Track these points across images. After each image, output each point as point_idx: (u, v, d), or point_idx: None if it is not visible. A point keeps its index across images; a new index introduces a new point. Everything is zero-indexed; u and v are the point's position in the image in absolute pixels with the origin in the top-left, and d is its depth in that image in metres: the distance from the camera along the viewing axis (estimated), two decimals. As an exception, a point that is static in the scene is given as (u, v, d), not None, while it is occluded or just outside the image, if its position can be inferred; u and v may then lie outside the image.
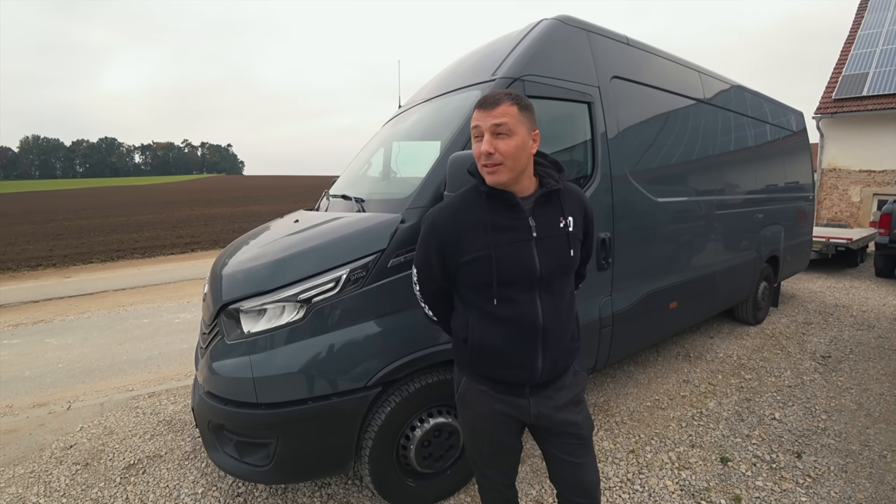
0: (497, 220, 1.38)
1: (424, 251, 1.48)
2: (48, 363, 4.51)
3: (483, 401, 1.49)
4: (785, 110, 5.55)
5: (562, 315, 1.45)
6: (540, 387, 1.46)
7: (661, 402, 3.42)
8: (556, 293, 1.43)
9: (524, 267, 1.37)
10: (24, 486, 2.60)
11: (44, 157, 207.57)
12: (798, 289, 7.10)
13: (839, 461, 2.69)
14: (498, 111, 1.31)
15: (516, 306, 1.39)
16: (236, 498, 2.43)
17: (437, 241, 1.43)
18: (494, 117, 1.31)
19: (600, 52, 2.94)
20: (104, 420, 3.33)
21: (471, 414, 1.55)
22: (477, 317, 1.44)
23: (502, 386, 1.46)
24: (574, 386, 1.53)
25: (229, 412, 1.97)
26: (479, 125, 1.33)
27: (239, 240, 2.77)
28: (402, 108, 3.53)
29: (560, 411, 1.48)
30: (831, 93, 12.67)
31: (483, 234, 1.38)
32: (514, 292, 1.38)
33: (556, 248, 1.41)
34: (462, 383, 1.54)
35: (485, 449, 1.58)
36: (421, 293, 1.57)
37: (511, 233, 1.38)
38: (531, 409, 1.47)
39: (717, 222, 4.02)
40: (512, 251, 1.37)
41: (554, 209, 1.43)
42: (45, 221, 20.87)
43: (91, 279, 8.95)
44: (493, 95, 1.34)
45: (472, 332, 1.44)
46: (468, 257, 1.38)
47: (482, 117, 1.33)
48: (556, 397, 1.48)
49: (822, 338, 4.83)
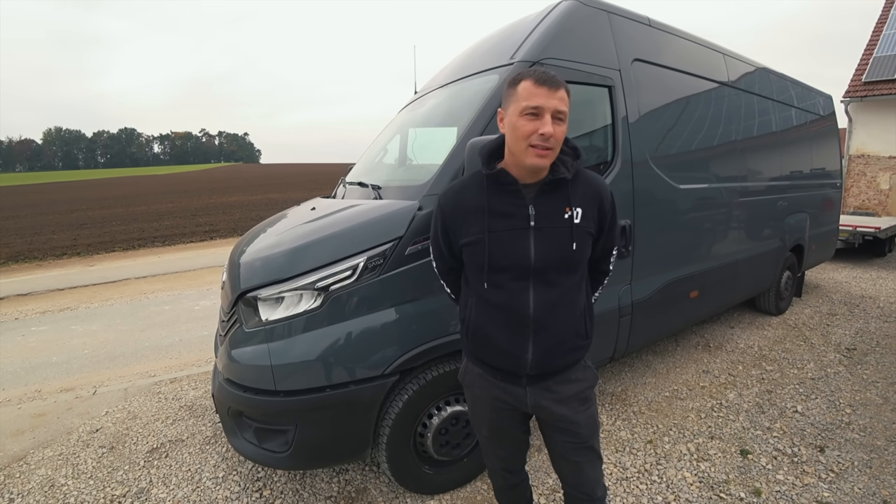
0: (496, 205, 1.36)
1: (434, 231, 1.53)
2: (74, 349, 4.65)
3: (480, 384, 1.51)
4: (812, 94, 5.34)
5: (559, 309, 1.38)
6: (538, 377, 1.42)
7: (679, 393, 3.37)
8: (554, 286, 1.37)
9: (517, 255, 1.34)
10: (54, 468, 2.69)
11: (66, 149, 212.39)
12: (823, 279, 6.91)
13: (863, 456, 2.62)
14: (560, 94, 1.26)
15: (506, 293, 1.36)
16: (256, 482, 2.48)
17: (442, 221, 1.46)
18: (559, 101, 1.25)
19: (621, 33, 2.84)
20: (128, 405, 3.42)
21: (470, 395, 1.59)
22: (475, 299, 1.44)
23: (497, 371, 1.46)
24: (580, 381, 1.47)
25: (248, 399, 2.00)
26: (541, 105, 1.23)
27: (256, 228, 2.78)
28: (419, 94, 3.49)
29: (560, 405, 1.44)
30: (861, 75, 12.15)
31: (480, 218, 1.36)
32: (506, 280, 1.36)
33: (555, 240, 1.34)
34: (464, 363, 1.59)
35: (484, 432, 1.60)
36: (437, 270, 1.62)
37: (508, 219, 1.34)
38: (528, 399, 1.45)
39: (739, 210, 3.91)
40: (506, 238, 1.34)
41: (560, 199, 1.36)
42: (69, 211, 21.38)
43: (114, 267, 9.16)
44: (553, 75, 1.27)
45: (469, 313, 1.46)
46: (466, 240, 1.39)
47: (546, 96, 1.23)
48: (558, 390, 1.44)
49: (848, 329, 4.70)
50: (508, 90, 1.32)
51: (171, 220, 16.77)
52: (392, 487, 2.40)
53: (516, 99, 1.28)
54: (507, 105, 1.32)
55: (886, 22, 13.07)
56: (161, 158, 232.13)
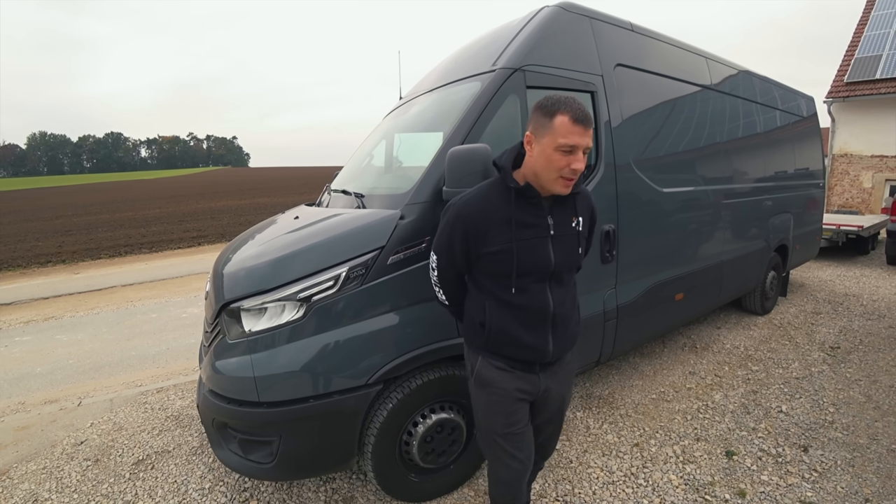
0: (521, 216, 1.49)
1: (448, 239, 1.57)
2: (59, 359, 4.58)
3: (501, 377, 1.61)
4: (794, 95, 5.43)
5: (567, 303, 1.62)
6: (549, 364, 1.64)
7: (666, 395, 3.40)
8: (565, 284, 1.61)
9: (541, 261, 1.52)
10: (37, 482, 2.64)
11: (51, 154, 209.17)
12: (807, 277, 7.02)
13: (846, 455, 2.66)
14: (590, 132, 1.40)
15: (530, 295, 1.54)
16: (243, 493, 2.46)
17: (463, 230, 1.52)
18: (589, 139, 1.39)
19: (604, 39, 2.87)
20: (113, 416, 3.37)
21: (486, 394, 1.64)
22: (493, 302, 1.56)
23: (517, 363, 1.60)
24: (571, 363, 1.75)
25: (232, 410, 1.98)
26: (577, 144, 1.37)
27: (240, 237, 2.76)
28: (404, 100, 3.49)
29: (559, 385, 1.70)
30: (843, 76, 12.38)
31: (507, 228, 1.49)
32: (529, 283, 1.53)
33: (568, 245, 1.57)
34: (478, 362, 1.64)
35: (500, 430, 1.65)
36: (439, 278, 1.67)
37: (532, 229, 1.51)
38: (541, 384, 1.64)
39: (724, 212, 3.95)
40: (531, 246, 1.50)
41: (569, 210, 1.57)
42: (53, 218, 21.08)
43: (99, 275, 9.04)
44: (587, 113, 1.39)
45: (489, 316, 1.57)
46: (491, 249, 1.50)
47: (581, 135, 1.37)
48: (559, 373, 1.69)
49: (832, 328, 4.77)
50: (542, 118, 1.42)
51: (159, 225, 16.60)
52: (379, 496, 2.39)
53: (553, 133, 1.38)
54: (541, 135, 1.42)
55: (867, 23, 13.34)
56: (148, 163, 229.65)
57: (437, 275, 1.66)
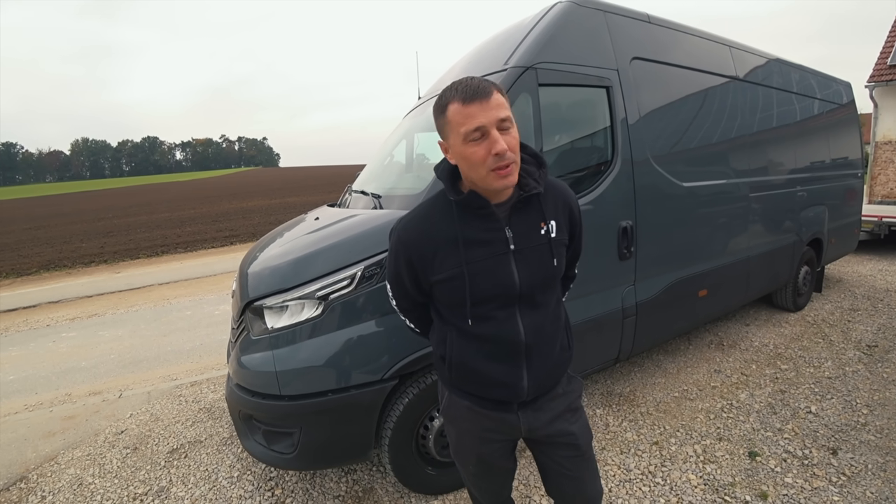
0: (470, 233, 1.22)
1: (394, 269, 1.35)
2: (102, 354, 4.86)
3: (468, 417, 1.38)
4: (829, 82, 5.19)
5: (547, 328, 1.32)
6: (529, 401, 1.35)
7: (689, 393, 3.34)
8: (540, 306, 1.30)
9: (501, 284, 1.23)
10: (82, 467, 2.85)
11: (93, 158, 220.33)
12: (845, 272, 6.70)
13: (878, 459, 2.56)
14: (495, 101, 1.10)
15: (494, 324, 1.26)
16: (268, 482, 2.58)
17: (406, 258, 1.28)
18: (497, 109, 1.10)
19: (619, 32, 2.84)
20: (151, 407, 3.58)
21: (455, 431, 1.46)
22: (455, 334, 1.31)
23: (487, 402, 1.34)
24: (568, 394, 1.41)
25: (256, 403, 2.09)
26: (483, 123, 1.09)
27: (265, 238, 2.88)
28: (422, 100, 3.53)
29: (554, 422, 1.37)
30: (886, 58, 11.69)
31: (455, 250, 1.22)
32: (492, 310, 1.25)
33: (536, 260, 1.25)
34: (445, 397, 1.44)
35: (471, 468, 1.50)
36: (398, 307, 1.46)
37: (486, 247, 1.22)
38: (521, 424, 1.35)
39: (750, 205, 3.83)
40: (487, 267, 1.22)
41: (534, 215, 1.26)
42: (96, 220, 22.18)
43: (139, 274, 9.49)
44: (479, 84, 1.11)
45: (449, 349, 1.33)
46: (440, 276, 1.24)
47: (482, 111, 1.09)
48: (548, 408, 1.37)
49: (870, 326, 4.56)
50: (439, 119, 1.18)
51: (193, 226, 17.24)
52: (398, 488, 2.46)
53: (452, 126, 1.14)
54: (446, 135, 1.18)
55: (914, 2, 12.54)
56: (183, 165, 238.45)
57: (396, 304, 1.45)
